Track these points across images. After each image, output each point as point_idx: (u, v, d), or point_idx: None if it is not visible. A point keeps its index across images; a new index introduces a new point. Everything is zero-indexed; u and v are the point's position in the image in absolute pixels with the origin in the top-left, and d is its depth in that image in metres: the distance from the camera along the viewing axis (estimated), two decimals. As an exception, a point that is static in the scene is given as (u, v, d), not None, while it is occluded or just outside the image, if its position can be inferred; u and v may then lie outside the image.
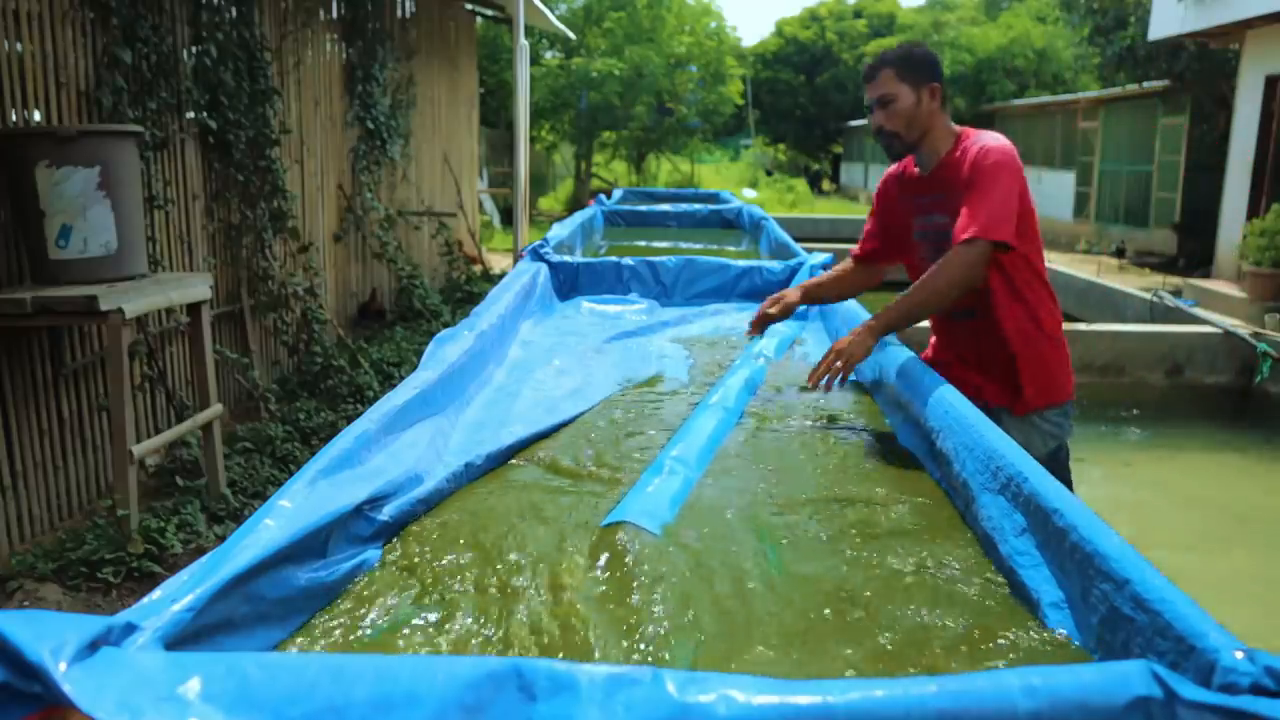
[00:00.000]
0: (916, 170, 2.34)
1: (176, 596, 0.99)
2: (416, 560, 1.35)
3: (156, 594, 1.01)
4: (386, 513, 1.42)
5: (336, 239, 6.48)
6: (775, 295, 2.56)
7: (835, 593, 1.28)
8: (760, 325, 2.55)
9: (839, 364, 2.04)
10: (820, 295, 2.65)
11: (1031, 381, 2.21)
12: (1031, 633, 1.17)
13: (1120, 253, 13.08)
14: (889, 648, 1.13)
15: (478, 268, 9.04)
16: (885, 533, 1.48)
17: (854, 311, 2.75)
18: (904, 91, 2.19)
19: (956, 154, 2.18)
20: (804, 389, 2.17)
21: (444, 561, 1.35)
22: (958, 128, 2.26)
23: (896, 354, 2.22)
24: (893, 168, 2.45)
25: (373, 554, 1.36)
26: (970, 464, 1.54)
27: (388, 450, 1.61)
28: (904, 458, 1.87)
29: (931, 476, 1.74)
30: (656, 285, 3.61)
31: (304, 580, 1.19)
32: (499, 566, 1.33)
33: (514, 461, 1.78)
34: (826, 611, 1.22)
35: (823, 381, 2.05)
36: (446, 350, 2.13)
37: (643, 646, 1.13)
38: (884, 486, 1.70)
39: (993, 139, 2.15)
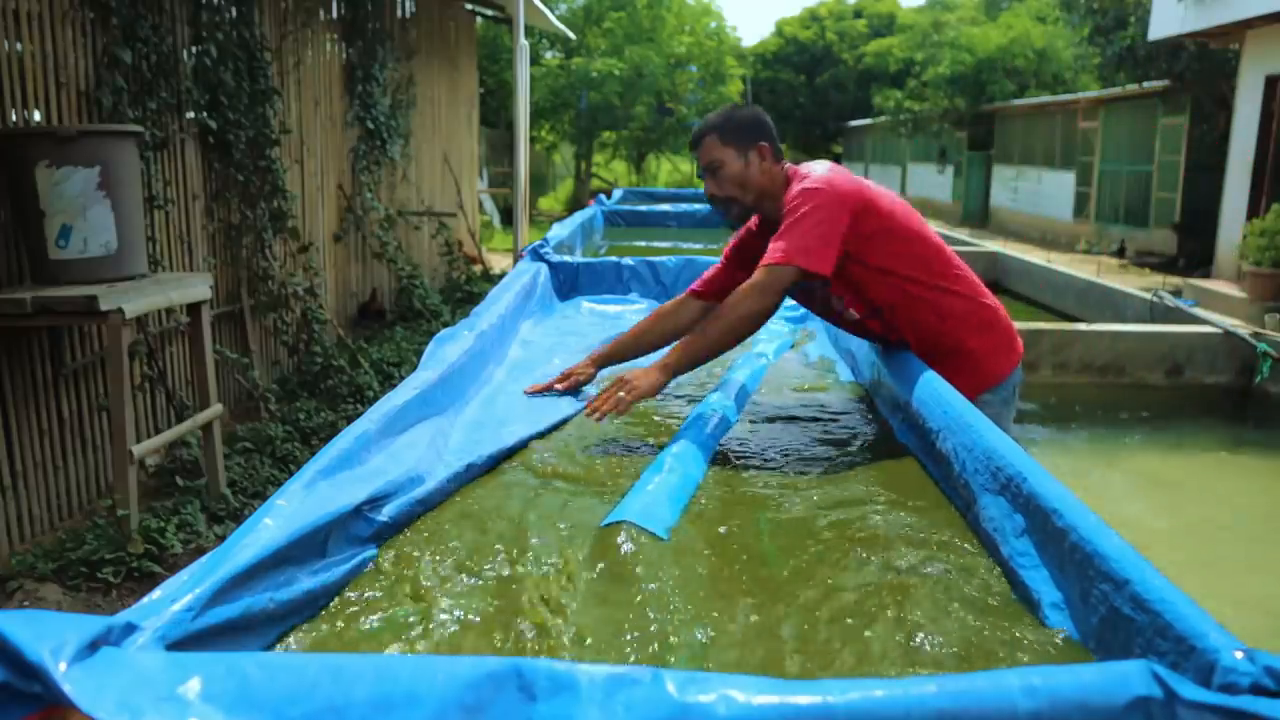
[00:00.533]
0: (767, 228, 2.23)
1: (176, 596, 0.99)
2: (416, 560, 1.35)
3: (156, 594, 1.01)
4: (386, 513, 1.42)
5: (336, 239, 6.48)
6: (566, 371, 2.25)
7: (835, 592, 1.28)
8: (538, 391, 2.22)
9: (622, 395, 1.89)
10: (623, 354, 2.28)
11: (956, 375, 2.04)
12: (1031, 633, 1.17)
13: (1121, 252, 13.09)
14: (889, 648, 1.13)
15: (478, 268, 9.04)
16: (886, 533, 1.48)
17: None
18: (730, 156, 2.13)
19: (785, 199, 2.07)
20: (590, 414, 1.92)
21: (444, 561, 1.35)
22: (791, 170, 2.16)
23: (896, 354, 2.22)
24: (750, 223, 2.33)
25: (372, 554, 1.36)
26: (970, 464, 1.54)
27: (387, 451, 1.61)
28: (904, 458, 1.87)
29: (931, 476, 1.74)
30: (656, 285, 3.61)
31: (303, 580, 1.19)
32: (499, 566, 1.33)
33: (514, 462, 1.78)
34: (826, 611, 1.22)
35: (598, 413, 1.89)
36: (446, 350, 2.13)
37: (643, 646, 1.13)
38: (884, 486, 1.70)
39: (811, 173, 2.06)
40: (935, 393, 1.83)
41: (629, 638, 1.15)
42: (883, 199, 2.10)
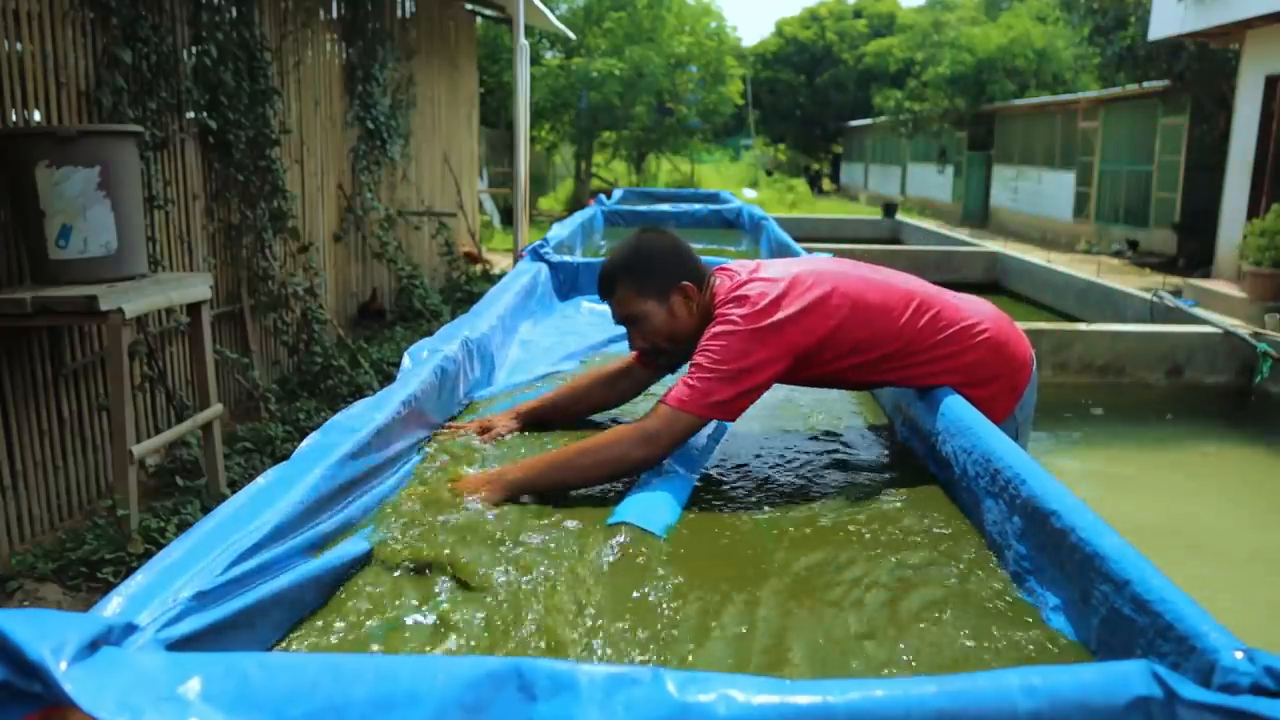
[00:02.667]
0: None
1: (175, 596, 0.99)
2: (416, 560, 1.35)
3: (139, 577, 1.01)
4: (383, 510, 1.42)
5: (336, 239, 6.48)
6: (486, 420, 1.97)
7: (836, 592, 1.28)
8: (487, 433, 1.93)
9: (461, 491, 1.58)
10: (549, 415, 2.01)
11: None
12: (1032, 633, 1.17)
13: (1133, 245, 13.08)
14: (889, 648, 1.13)
15: (478, 267, 9.04)
16: (887, 533, 1.48)
17: None
18: (652, 308, 1.85)
19: (714, 319, 1.77)
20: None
21: (443, 561, 1.35)
22: (718, 291, 1.85)
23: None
24: None
25: (372, 554, 1.36)
26: (970, 468, 1.54)
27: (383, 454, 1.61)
28: (905, 458, 1.87)
29: (933, 477, 1.74)
30: (656, 285, 3.60)
31: (303, 579, 1.19)
32: (499, 567, 1.33)
33: (514, 462, 1.78)
34: (827, 611, 1.22)
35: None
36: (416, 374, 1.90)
37: (643, 646, 1.13)
38: (885, 487, 1.70)
39: (736, 310, 1.72)
40: (935, 395, 1.83)
41: (629, 637, 1.15)
42: (819, 308, 1.74)
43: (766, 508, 1.59)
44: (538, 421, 1.99)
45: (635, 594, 1.26)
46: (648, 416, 1.65)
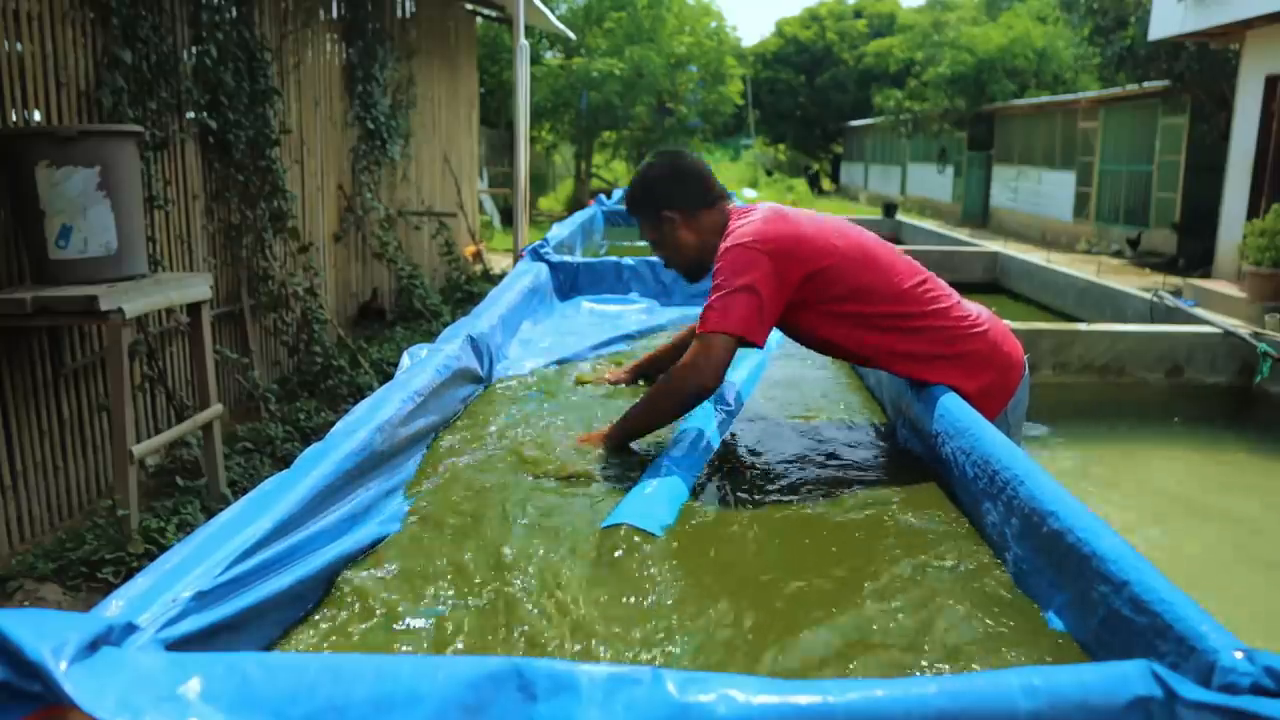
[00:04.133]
0: None
1: (175, 596, 0.99)
2: (415, 561, 1.35)
3: (140, 580, 1.01)
4: (387, 510, 1.42)
5: (336, 239, 6.48)
6: (616, 374, 2.33)
7: (836, 592, 1.28)
8: (587, 381, 2.33)
9: (585, 444, 1.87)
10: (655, 368, 2.32)
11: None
12: (1032, 633, 1.17)
13: (1134, 244, 13.08)
14: (890, 648, 1.13)
15: (478, 267, 9.04)
16: (887, 533, 1.49)
17: None
18: (649, 229, 2.10)
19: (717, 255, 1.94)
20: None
21: (444, 562, 1.35)
22: (731, 217, 2.00)
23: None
24: None
25: (372, 554, 1.36)
26: (970, 469, 1.54)
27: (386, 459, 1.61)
28: (905, 459, 1.87)
29: (933, 478, 1.74)
30: (656, 285, 3.61)
31: (302, 579, 1.19)
32: (499, 567, 1.33)
33: (514, 462, 1.78)
34: (826, 610, 1.22)
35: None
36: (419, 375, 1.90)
37: (643, 647, 1.13)
38: (884, 487, 1.70)
39: (735, 227, 1.91)
40: (934, 396, 1.84)
41: (629, 638, 1.15)
42: (819, 239, 1.88)
43: (765, 507, 1.59)
44: (645, 374, 2.34)
45: (635, 593, 1.26)
46: (689, 352, 1.82)
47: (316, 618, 1.20)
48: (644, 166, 2.12)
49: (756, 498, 1.64)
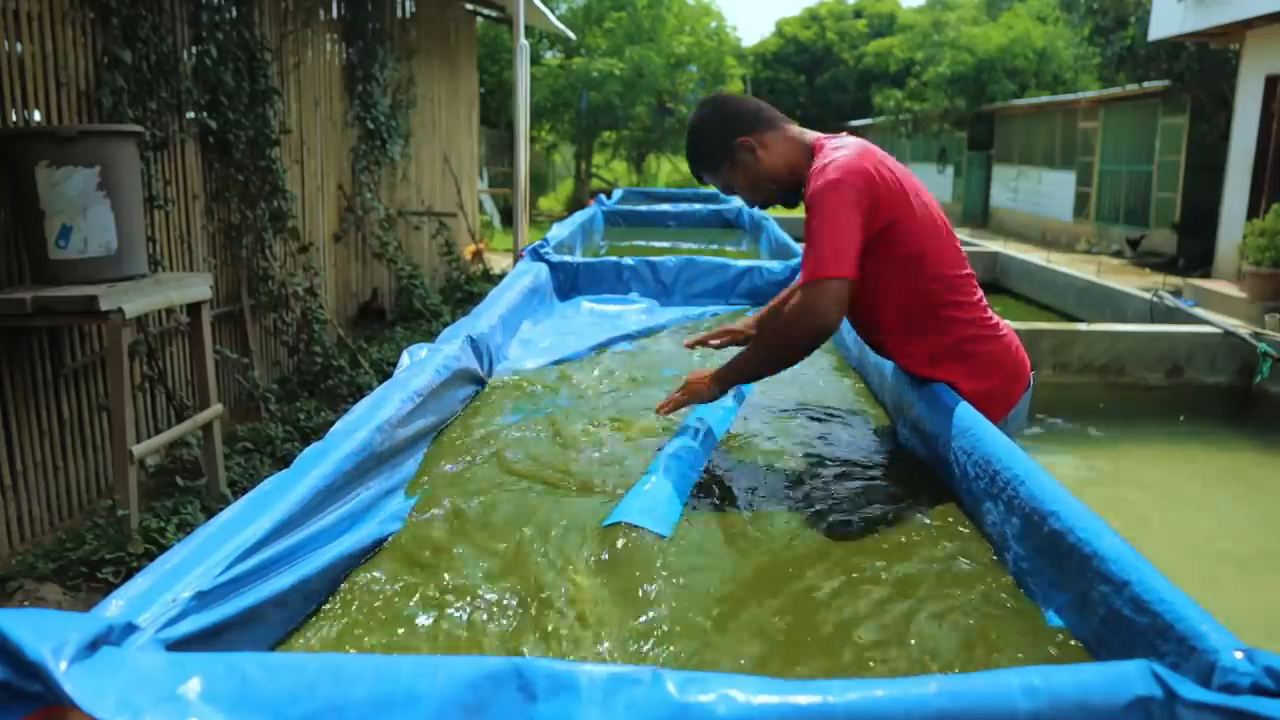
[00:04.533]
0: None
1: (175, 596, 0.99)
2: (415, 560, 1.35)
3: (140, 580, 1.01)
4: (386, 509, 1.42)
5: (336, 239, 6.48)
6: (725, 327, 2.35)
7: (837, 591, 1.28)
8: (696, 344, 2.35)
9: (678, 396, 1.91)
10: (751, 330, 2.35)
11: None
12: (1032, 633, 1.17)
13: (1135, 244, 13.08)
14: (890, 648, 1.13)
15: (478, 267, 9.05)
16: (888, 533, 1.48)
17: None
18: (723, 175, 2.01)
19: (807, 189, 1.90)
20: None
21: (444, 562, 1.35)
22: (813, 141, 1.98)
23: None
24: None
25: (372, 554, 1.36)
26: (971, 469, 1.54)
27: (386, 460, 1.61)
28: (906, 459, 1.87)
29: (934, 478, 1.74)
30: (656, 285, 3.61)
31: (303, 578, 1.19)
32: (499, 567, 1.33)
33: (514, 462, 1.78)
34: (828, 609, 1.22)
35: (661, 411, 1.94)
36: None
37: (643, 646, 1.13)
38: (887, 488, 1.70)
39: (826, 162, 1.85)
40: (936, 396, 1.83)
41: (629, 636, 1.15)
42: (900, 192, 1.86)
43: (766, 506, 1.59)
44: (743, 340, 2.31)
45: (635, 592, 1.26)
46: (796, 298, 1.80)
47: (316, 618, 1.20)
48: (692, 119, 2.04)
49: (757, 496, 1.64)
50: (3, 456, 3.38)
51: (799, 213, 1.88)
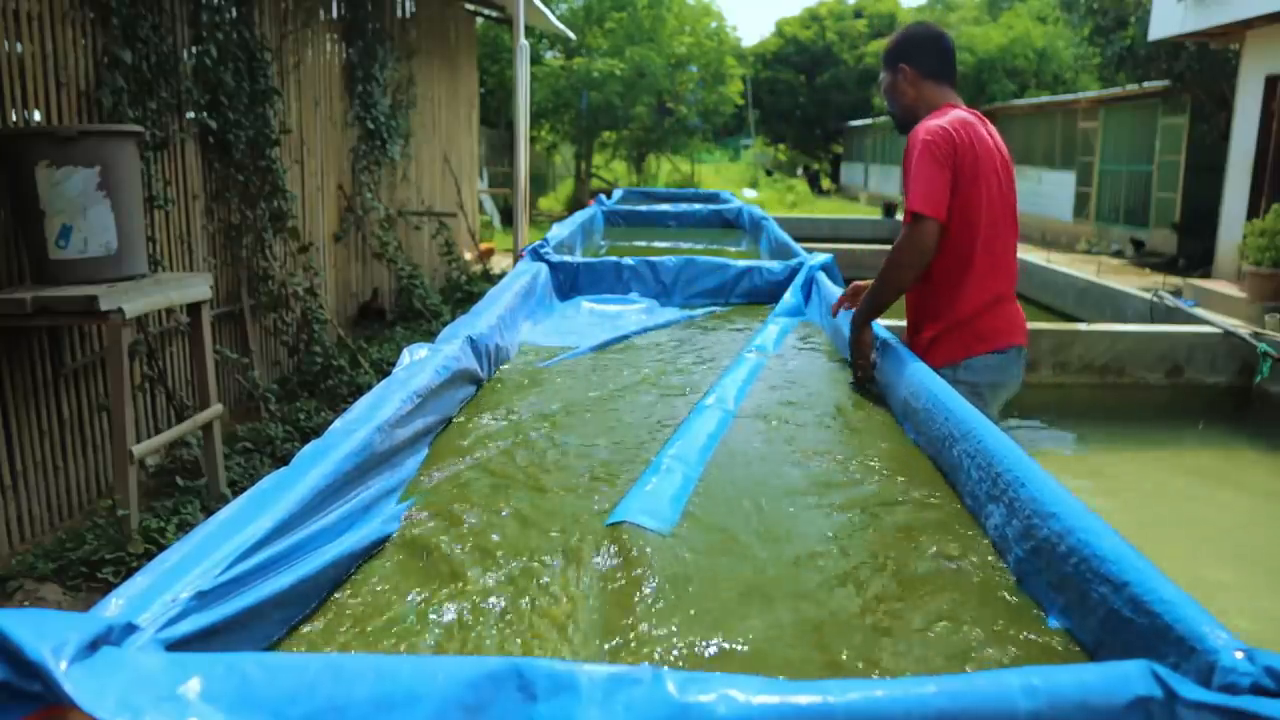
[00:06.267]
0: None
1: (175, 596, 0.99)
2: (416, 561, 1.35)
3: (139, 580, 1.00)
4: (386, 510, 1.42)
5: (336, 239, 6.48)
6: (854, 286, 2.74)
7: (838, 590, 1.28)
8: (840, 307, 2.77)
9: (862, 361, 2.35)
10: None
11: (924, 351, 2.41)
12: (1032, 633, 1.17)
13: (1139, 245, 13.08)
14: (890, 648, 1.13)
15: (478, 267, 9.05)
16: (887, 532, 1.48)
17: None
18: (884, 76, 2.58)
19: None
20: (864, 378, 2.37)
21: (444, 562, 1.35)
22: (945, 103, 2.48)
23: (901, 359, 2.22)
24: None
25: (371, 553, 1.36)
26: (974, 470, 1.54)
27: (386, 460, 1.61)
28: (908, 458, 1.87)
29: (936, 478, 1.74)
30: (656, 285, 3.61)
31: (303, 579, 1.19)
32: (500, 567, 1.33)
33: (513, 462, 1.78)
34: (828, 609, 1.22)
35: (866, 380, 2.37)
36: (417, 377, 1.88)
37: (644, 646, 1.13)
38: (887, 486, 1.70)
39: (928, 123, 2.36)
40: (937, 397, 1.84)
41: (630, 636, 1.15)
42: (966, 156, 2.32)
43: (767, 504, 1.59)
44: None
45: (636, 591, 1.25)
46: (901, 234, 2.32)
47: (317, 617, 1.20)
48: (909, 28, 2.60)
49: (758, 495, 1.64)
50: (3, 456, 3.38)
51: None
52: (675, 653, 1.12)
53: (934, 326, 2.45)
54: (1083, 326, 6.94)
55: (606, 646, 1.13)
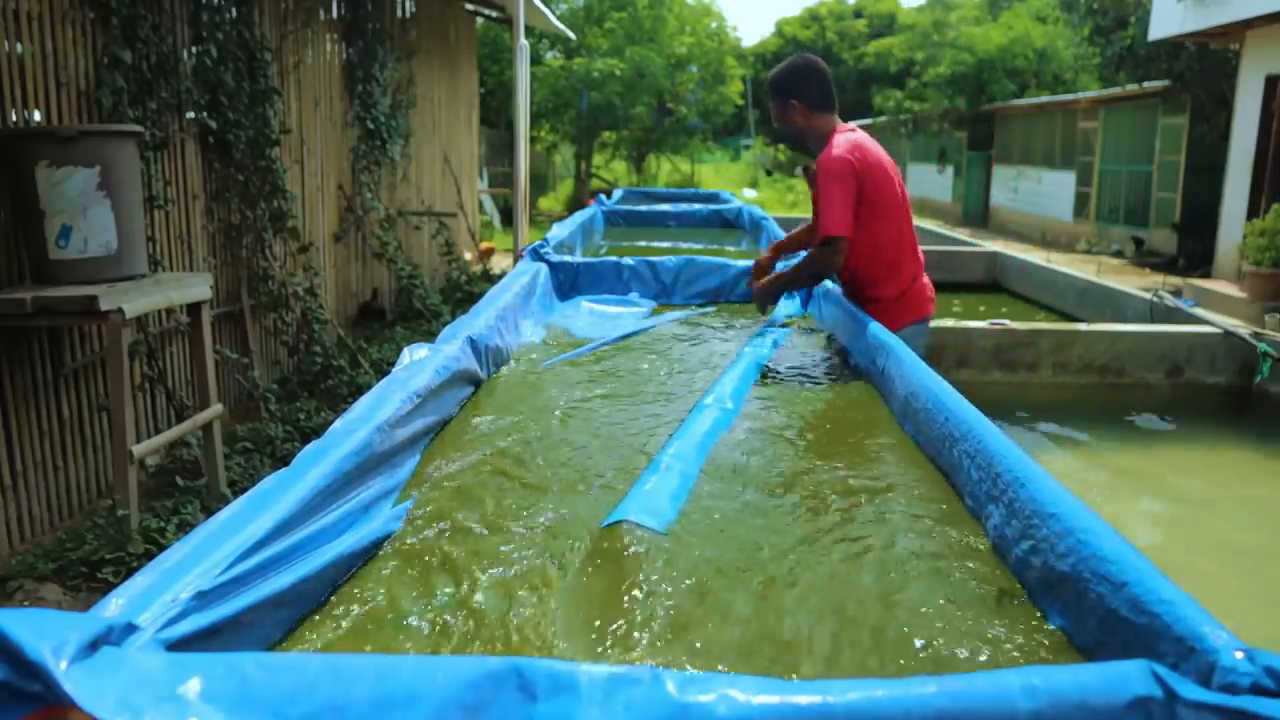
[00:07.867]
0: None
1: (175, 596, 0.99)
2: (415, 560, 1.36)
3: (139, 580, 1.00)
4: (385, 510, 1.42)
5: (336, 239, 6.48)
6: (763, 256, 3.42)
7: (838, 590, 1.28)
8: (759, 274, 3.29)
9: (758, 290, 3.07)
10: (788, 249, 3.48)
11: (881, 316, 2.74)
12: (1032, 633, 1.17)
13: (1140, 244, 13.08)
14: (890, 648, 1.13)
15: (478, 267, 9.04)
16: (889, 531, 1.48)
17: (843, 317, 2.75)
18: (774, 106, 2.98)
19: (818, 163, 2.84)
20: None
21: (444, 562, 1.35)
22: (831, 129, 2.91)
23: (901, 358, 2.22)
24: None
25: (371, 553, 1.36)
26: (974, 471, 1.54)
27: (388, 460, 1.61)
28: (908, 457, 1.87)
29: (936, 478, 1.74)
30: (656, 285, 3.61)
31: (302, 579, 1.19)
32: (500, 566, 1.33)
33: (513, 461, 1.78)
34: (828, 608, 1.22)
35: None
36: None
37: (644, 645, 1.13)
38: (888, 484, 1.70)
39: (830, 149, 2.80)
40: (938, 397, 1.84)
41: (630, 636, 1.15)
42: (868, 174, 2.79)
43: (767, 504, 1.59)
44: (783, 249, 3.48)
45: (636, 590, 1.26)
46: (815, 248, 2.85)
47: (317, 617, 1.20)
48: (790, 63, 2.97)
49: (758, 495, 1.64)
50: (3, 456, 3.38)
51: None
52: (675, 652, 1.12)
53: (882, 294, 2.94)
54: (1083, 326, 6.93)
55: (605, 646, 1.13)
